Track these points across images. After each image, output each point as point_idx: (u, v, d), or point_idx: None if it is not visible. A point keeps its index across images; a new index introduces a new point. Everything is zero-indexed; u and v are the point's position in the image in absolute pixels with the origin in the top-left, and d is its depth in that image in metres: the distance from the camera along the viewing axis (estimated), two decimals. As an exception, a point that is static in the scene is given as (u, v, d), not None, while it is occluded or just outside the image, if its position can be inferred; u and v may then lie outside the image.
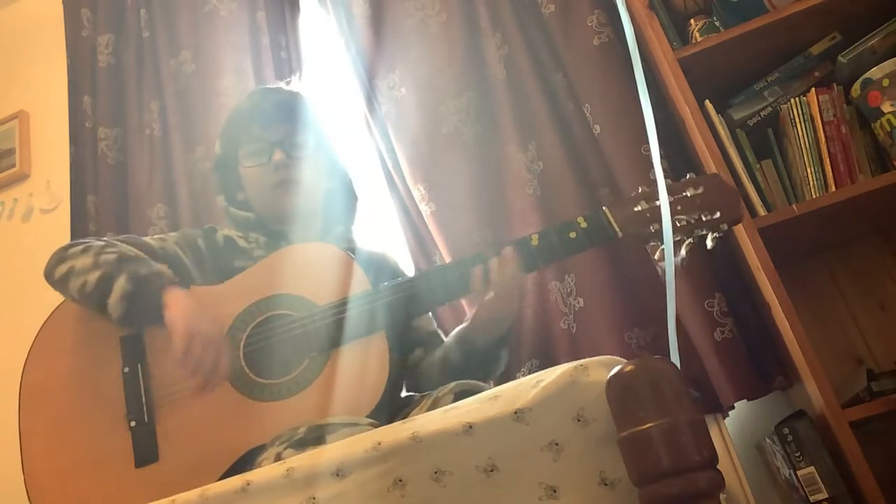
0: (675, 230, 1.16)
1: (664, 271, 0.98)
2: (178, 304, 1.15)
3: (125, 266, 1.19)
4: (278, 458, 0.97)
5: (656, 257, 1.20)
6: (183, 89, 2.07)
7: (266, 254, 1.30)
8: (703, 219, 1.16)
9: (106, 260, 1.20)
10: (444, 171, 1.77)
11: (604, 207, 1.22)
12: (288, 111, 1.38)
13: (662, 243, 1.18)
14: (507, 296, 1.21)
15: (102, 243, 1.25)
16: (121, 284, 1.16)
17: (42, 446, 1.17)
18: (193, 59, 2.09)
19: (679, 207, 1.17)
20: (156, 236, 1.37)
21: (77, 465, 1.15)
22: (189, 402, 1.16)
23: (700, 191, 1.18)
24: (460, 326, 1.31)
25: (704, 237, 1.18)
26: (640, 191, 1.22)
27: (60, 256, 1.24)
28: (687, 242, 1.18)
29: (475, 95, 1.80)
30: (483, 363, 1.29)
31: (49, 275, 1.24)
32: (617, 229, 1.19)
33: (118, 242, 1.28)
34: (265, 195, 1.36)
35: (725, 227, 1.17)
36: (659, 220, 1.18)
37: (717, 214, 1.16)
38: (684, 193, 1.18)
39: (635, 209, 1.20)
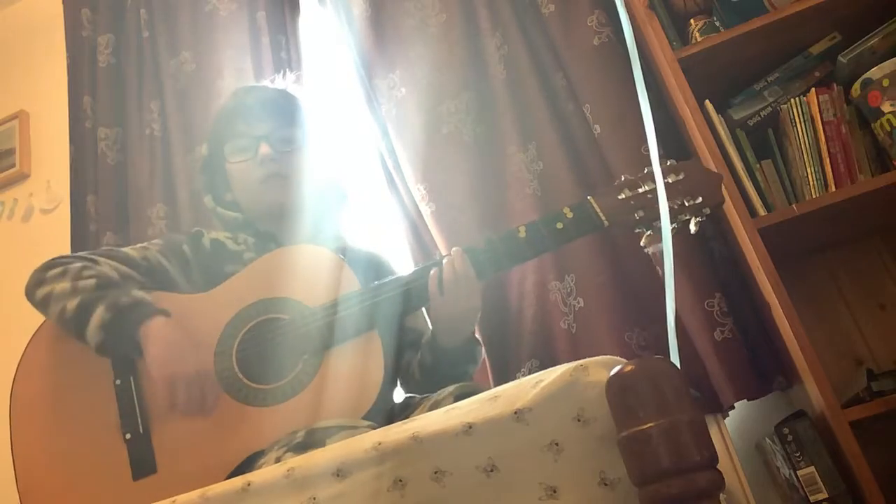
0: (658, 217, 1.16)
1: (659, 263, 0.98)
2: (155, 343, 1.14)
3: (104, 294, 1.17)
4: (278, 462, 0.97)
5: (643, 243, 1.20)
6: (183, 89, 2.07)
7: (256, 256, 1.29)
8: (686, 204, 1.17)
9: (84, 286, 1.18)
10: (444, 171, 1.77)
11: (589, 197, 1.22)
12: (273, 107, 1.37)
13: (648, 230, 1.20)
14: (461, 295, 1.18)
15: (80, 265, 1.23)
16: (99, 314, 1.14)
17: (36, 461, 1.15)
18: (193, 59, 2.09)
19: None
20: (137, 246, 1.35)
21: (73, 480, 1.13)
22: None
23: (681, 177, 1.20)
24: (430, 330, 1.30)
25: (688, 222, 1.19)
26: (623, 178, 1.23)
27: (39, 278, 1.22)
28: (671, 228, 1.18)
29: (475, 95, 1.80)
30: (453, 363, 1.27)
31: (29, 295, 1.22)
32: (603, 218, 1.20)
33: (99, 259, 1.25)
34: (252, 191, 1.35)
35: (708, 211, 1.18)
36: (643, 206, 1.19)
37: (700, 199, 1.17)
38: (666, 180, 1.19)
39: (619, 197, 1.20)
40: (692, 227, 1.19)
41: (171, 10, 2.17)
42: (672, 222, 1.18)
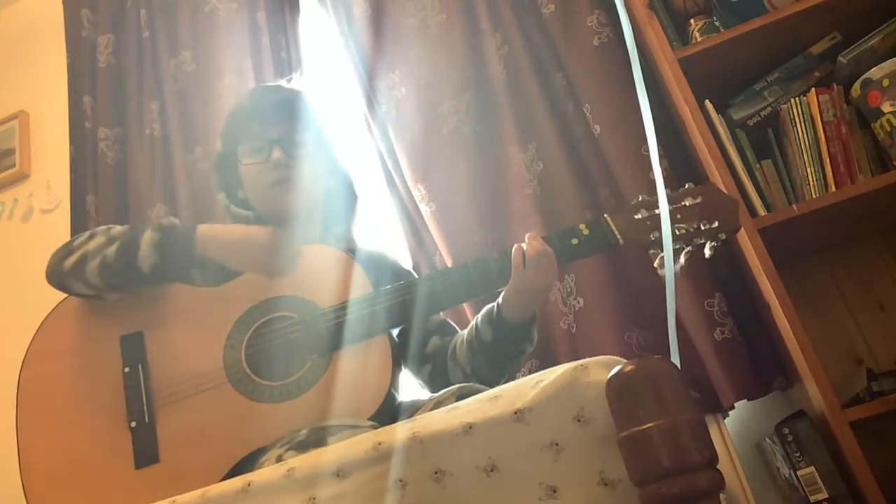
0: (674, 238, 1.17)
1: (664, 276, 0.98)
2: (218, 238, 1.20)
3: (143, 226, 1.22)
4: (279, 460, 0.97)
5: (656, 264, 1.21)
6: (183, 89, 2.07)
7: None
8: (702, 227, 1.18)
9: (119, 232, 1.23)
10: (444, 171, 1.77)
11: (605, 215, 1.23)
12: (288, 109, 1.37)
13: (663, 251, 1.19)
14: (542, 268, 1.19)
15: (106, 226, 1.27)
16: (147, 237, 1.19)
17: (40, 447, 1.17)
18: (193, 59, 2.09)
19: (678, 216, 1.18)
20: None
21: (76, 466, 1.14)
22: (190, 404, 1.16)
23: (699, 200, 1.20)
24: (487, 307, 1.29)
25: (703, 245, 1.20)
26: (640, 199, 1.24)
27: (66, 250, 1.24)
28: (686, 250, 1.19)
29: (475, 95, 1.80)
30: (514, 340, 1.27)
31: (55, 272, 1.22)
32: (619, 237, 1.21)
33: None
34: (263, 193, 1.35)
35: (723, 236, 1.19)
36: (660, 228, 1.19)
37: (716, 224, 1.18)
38: (683, 203, 1.20)
39: (636, 217, 1.22)
40: (707, 252, 1.19)
41: (171, 10, 2.17)
42: (687, 245, 1.19)
